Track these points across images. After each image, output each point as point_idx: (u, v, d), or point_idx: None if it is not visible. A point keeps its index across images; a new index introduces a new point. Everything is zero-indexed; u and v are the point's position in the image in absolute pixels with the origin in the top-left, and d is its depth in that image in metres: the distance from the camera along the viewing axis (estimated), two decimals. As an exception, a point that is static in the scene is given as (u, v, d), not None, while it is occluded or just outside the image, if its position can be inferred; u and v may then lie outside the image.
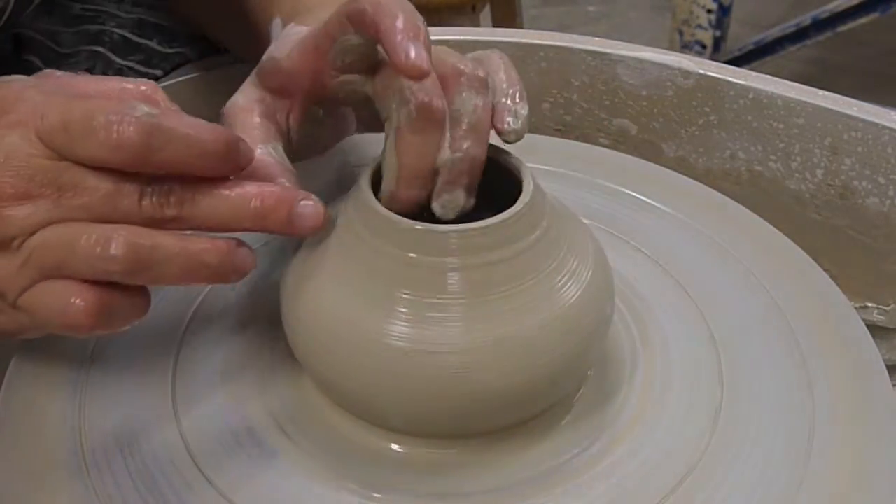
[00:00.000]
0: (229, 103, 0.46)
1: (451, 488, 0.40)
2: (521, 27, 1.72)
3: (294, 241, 0.44)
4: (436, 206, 0.42)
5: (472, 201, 0.43)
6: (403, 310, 0.38)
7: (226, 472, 0.40)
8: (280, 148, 0.45)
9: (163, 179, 0.38)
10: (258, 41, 0.54)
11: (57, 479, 0.40)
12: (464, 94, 0.42)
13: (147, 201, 0.37)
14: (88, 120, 0.36)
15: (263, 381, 0.45)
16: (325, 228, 0.41)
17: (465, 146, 0.41)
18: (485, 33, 0.73)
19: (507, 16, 1.68)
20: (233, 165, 0.38)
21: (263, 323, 0.48)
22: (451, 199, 0.42)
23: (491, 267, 0.39)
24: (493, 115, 0.43)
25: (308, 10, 0.48)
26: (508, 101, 0.43)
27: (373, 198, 0.41)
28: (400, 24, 0.38)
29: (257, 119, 0.45)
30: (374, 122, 0.46)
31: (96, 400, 0.44)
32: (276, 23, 0.50)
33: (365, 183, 0.42)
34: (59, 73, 0.42)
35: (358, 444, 0.42)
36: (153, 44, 0.69)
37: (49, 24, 0.68)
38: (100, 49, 0.68)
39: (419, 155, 0.41)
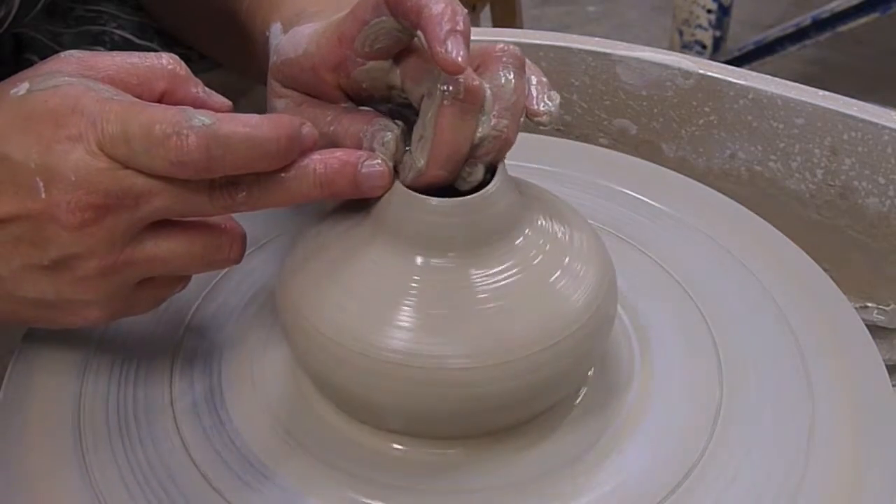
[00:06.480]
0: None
1: (452, 487, 0.40)
2: (521, 27, 1.72)
3: (288, 243, 0.44)
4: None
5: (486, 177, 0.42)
6: (404, 313, 0.38)
7: (224, 473, 0.40)
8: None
9: None
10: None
11: (55, 463, 0.41)
12: (505, 73, 0.41)
13: (217, 193, 0.38)
14: (148, 134, 0.36)
15: (263, 380, 0.45)
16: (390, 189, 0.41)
17: (501, 125, 0.40)
18: (485, 33, 0.73)
19: (507, 16, 1.68)
20: (297, 153, 0.39)
21: (264, 322, 0.48)
22: (472, 171, 0.41)
23: (492, 268, 0.39)
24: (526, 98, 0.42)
25: (310, 16, 0.48)
26: (539, 86, 0.43)
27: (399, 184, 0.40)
28: (444, 13, 0.38)
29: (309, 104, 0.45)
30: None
31: (98, 388, 0.44)
32: (276, 28, 0.50)
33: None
34: (77, 53, 0.41)
35: (359, 443, 0.42)
36: (154, 45, 0.69)
37: (51, 24, 0.68)
38: (101, 49, 0.68)
39: (457, 134, 0.40)
